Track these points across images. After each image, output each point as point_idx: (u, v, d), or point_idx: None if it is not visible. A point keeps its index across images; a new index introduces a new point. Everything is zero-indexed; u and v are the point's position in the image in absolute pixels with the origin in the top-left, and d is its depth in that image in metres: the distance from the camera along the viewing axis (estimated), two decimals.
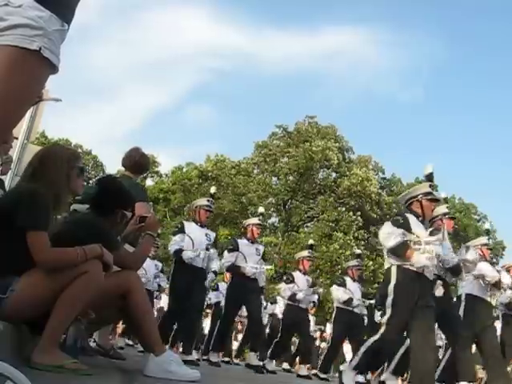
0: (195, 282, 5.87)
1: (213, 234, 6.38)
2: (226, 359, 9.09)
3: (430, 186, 4.77)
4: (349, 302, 7.68)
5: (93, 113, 50.28)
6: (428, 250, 4.23)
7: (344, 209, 27.89)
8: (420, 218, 4.53)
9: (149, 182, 32.64)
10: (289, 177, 29.28)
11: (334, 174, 29.90)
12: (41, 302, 2.31)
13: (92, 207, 2.94)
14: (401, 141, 49.19)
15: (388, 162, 50.83)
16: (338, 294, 7.85)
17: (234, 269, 6.72)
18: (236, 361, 10.34)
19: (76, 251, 2.39)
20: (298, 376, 7.39)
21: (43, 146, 2.92)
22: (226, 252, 6.83)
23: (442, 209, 5.85)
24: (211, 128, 48.90)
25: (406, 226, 4.34)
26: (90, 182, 25.87)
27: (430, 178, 4.88)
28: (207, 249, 6.03)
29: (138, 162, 4.56)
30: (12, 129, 1.52)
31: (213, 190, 7.15)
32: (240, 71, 48.02)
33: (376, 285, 22.43)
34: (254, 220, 7.29)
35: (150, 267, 8.42)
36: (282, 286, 8.23)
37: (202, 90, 48.60)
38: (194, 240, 6.00)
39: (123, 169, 4.68)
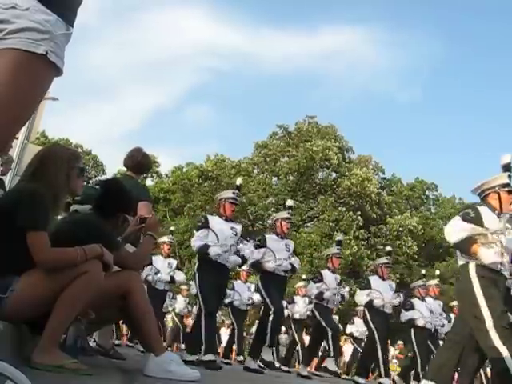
0: (222, 281, 5.72)
1: (239, 228, 5.98)
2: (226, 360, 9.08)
3: (509, 176, 4.24)
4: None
5: (92, 113, 50.34)
6: (495, 243, 3.73)
7: (344, 209, 27.89)
8: (496, 212, 3.99)
9: (149, 182, 32.67)
10: (289, 177, 29.29)
11: (334, 174, 29.90)
12: (41, 302, 2.31)
13: (94, 208, 2.95)
14: (400, 141, 49.23)
15: (388, 162, 50.87)
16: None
17: (258, 266, 6.32)
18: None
19: (76, 251, 2.39)
20: (299, 375, 7.37)
21: (44, 146, 2.92)
22: (241, 245, 6.14)
23: None
24: (211, 128, 48.98)
25: (478, 220, 3.84)
26: (90, 181, 25.90)
27: (507, 168, 4.31)
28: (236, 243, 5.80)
29: (140, 162, 4.57)
30: (17, 132, 1.52)
31: (239, 181, 6.60)
32: (239, 71, 48.08)
33: None
34: (283, 214, 6.82)
35: (163, 267, 8.47)
36: (310, 284, 7.94)
37: (201, 89, 48.66)
38: (218, 235, 5.59)
39: (124, 169, 4.69)
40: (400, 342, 15.52)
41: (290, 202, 7.61)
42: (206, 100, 52.84)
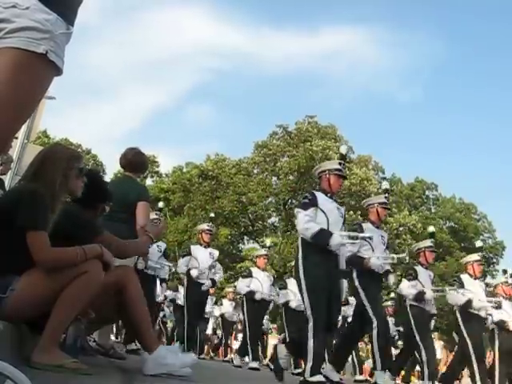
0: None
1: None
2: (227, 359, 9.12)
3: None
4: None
5: (93, 112, 50.34)
6: None
7: (344, 208, 27.86)
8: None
9: (149, 182, 32.66)
10: (289, 176, 29.28)
11: None
12: (41, 302, 2.31)
13: (74, 200, 2.93)
14: (401, 141, 49.23)
15: (388, 162, 50.88)
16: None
17: (357, 261, 5.25)
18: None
19: (76, 251, 2.39)
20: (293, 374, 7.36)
21: (45, 146, 2.93)
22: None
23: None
24: (211, 128, 48.97)
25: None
26: None
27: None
28: None
29: (132, 161, 4.58)
30: (17, 131, 1.52)
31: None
32: (239, 71, 48.06)
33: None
34: (380, 198, 5.80)
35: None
36: (404, 282, 6.49)
37: (201, 89, 48.63)
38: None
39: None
40: None
41: (385, 185, 6.72)
42: (206, 100, 52.87)
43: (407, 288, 6.28)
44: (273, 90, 47.86)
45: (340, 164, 4.74)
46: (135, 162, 4.59)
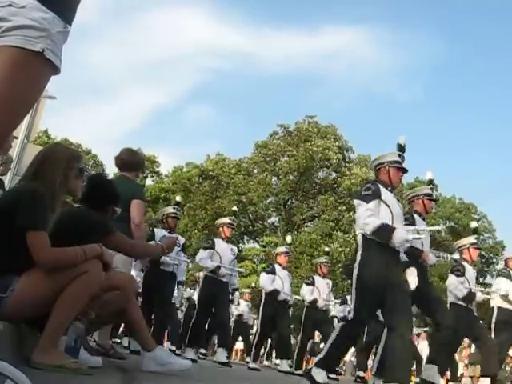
0: None
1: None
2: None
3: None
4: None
5: (93, 112, 50.34)
6: None
7: (344, 208, 27.90)
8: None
9: (149, 182, 32.67)
10: (289, 176, 29.29)
11: (334, 174, 29.92)
12: (41, 302, 2.31)
13: (83, 202, 3.02)
14: None
15: None
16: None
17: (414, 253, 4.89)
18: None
19: (75, 251, 2.39)
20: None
21: (45, 146, 2.93)
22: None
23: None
24: (211, 128, 48.96)
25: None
26: None
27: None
28: None
29: (126, 161, 4.63)
30: (14, 129, 1.52)
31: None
32: (240, 71, 48.05)
33: None
34: (425, 189, 5.52)
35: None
36: (452, 277, 6.00)
37: (201, 89, 48.59)
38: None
39: None
40: None
41: (430, 176, 6.18)
42: (206, 100, 52.87)
43: (457, 285, 5.81)
44: (273, 90, 47.90)
45: (399, 156, 4.53)
46: (130, 161, 4.64)
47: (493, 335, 6.12)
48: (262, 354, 11.64)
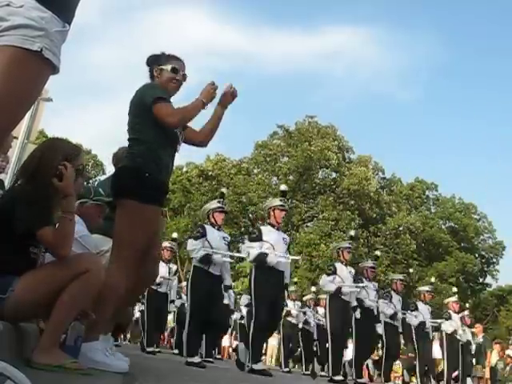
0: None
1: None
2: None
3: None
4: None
5: (93, 112, 50.32)
6: None
7: (343, 208, 27.90)
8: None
9: None
10: (289, 176, 29.28)
11: (333, 174, 29.91)
12: (41, 302, 2.31)
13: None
14: (401, 141, 49.19)
15: (388, 162, 50.85)
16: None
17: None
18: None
19: (64, 219, 2.35)
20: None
21: (43, 141, 2.84)
22: None
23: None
24: None
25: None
26: (90, 181, 25.87)
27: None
28: None
29: (121, 159, 4.62)
30: (12, 129, 1.52)
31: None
32: (239, 71, 48.01)
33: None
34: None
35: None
36: None
37: (201, 89, 48.54)
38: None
39: None
40: None
41: None
42: None
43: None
44: (273, 90, 47.92)
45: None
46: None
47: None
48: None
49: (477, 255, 32.51)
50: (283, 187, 6.88)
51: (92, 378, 2.31)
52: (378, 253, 9.35)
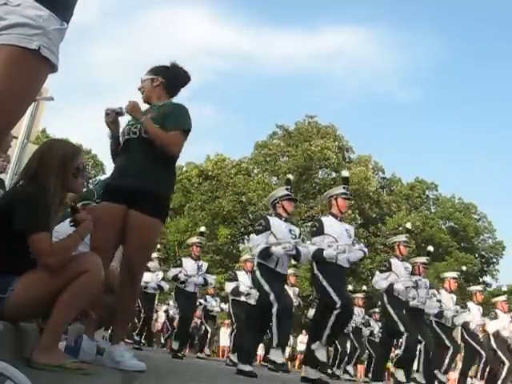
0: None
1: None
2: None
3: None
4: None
5: (93, 112, 50.26)
6: None
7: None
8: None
9: None
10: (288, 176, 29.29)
11: (333, 174, 29.92)
12: (41, 302, 2.31)
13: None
14: (401, 141, 49.16)
15: (388, 162, 50.85)
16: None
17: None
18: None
19: (71, 237, 2.42)
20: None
21: (43, 142, 2.84)
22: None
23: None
24: (211, 128, 48.86)
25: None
26: (90, 181, 25.87)
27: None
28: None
29: None
30: (11, 128, 1.52)
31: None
32: (239, 71, 48.06)
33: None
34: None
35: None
36: None
37: (201, 89, 48.46)
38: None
39: None
40: None
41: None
42: (206, 100, 52.82)
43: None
44: (273, 90, 47.88)
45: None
46: None
47: None
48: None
49: (477, 255, 32.53)
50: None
51: (92, 377, 2.31)
52: (430, 248, 8.63)
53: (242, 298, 8.62)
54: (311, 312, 10.03)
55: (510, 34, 47.62)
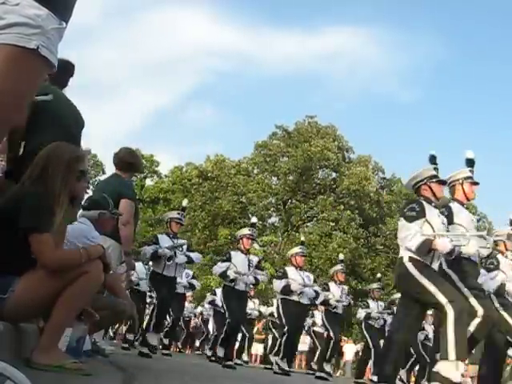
0: None
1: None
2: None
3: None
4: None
5: (93, 112, 50.24)
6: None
7: (343, 208, 27.90)
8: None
9: (148, 182, 32.64)
10: (288, 177, 29.28)
11: (333, 174, 29.92)
12: (41, 302, 2.31)
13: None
14: (401, 141, 49.13)
15: (388, 162, 50.84)
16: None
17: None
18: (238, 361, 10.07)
19: (79, 252, 2.41)
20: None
21: (50, 145, 2.83)
22: None
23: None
24: (211, 128, 48.83)
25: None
26: (90, 181, 25.86)
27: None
28: None
29: (122, 160, 4.67)
30: (11, 126, 1.52)
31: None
32: (239, 71, 48.00)
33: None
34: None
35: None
36: None
37: (201, 90, 48.47)
38: None
39: None
40: None
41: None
42: (206, 100, 52.76)
43: None
44: (273, 91, 47.78)
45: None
46: (125, 161, 4.68)
47: None
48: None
49: None
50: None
51: (92, 377, 2.32)
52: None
53: (294, 298, 7.69)
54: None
55: (510, 34, 47.61)
